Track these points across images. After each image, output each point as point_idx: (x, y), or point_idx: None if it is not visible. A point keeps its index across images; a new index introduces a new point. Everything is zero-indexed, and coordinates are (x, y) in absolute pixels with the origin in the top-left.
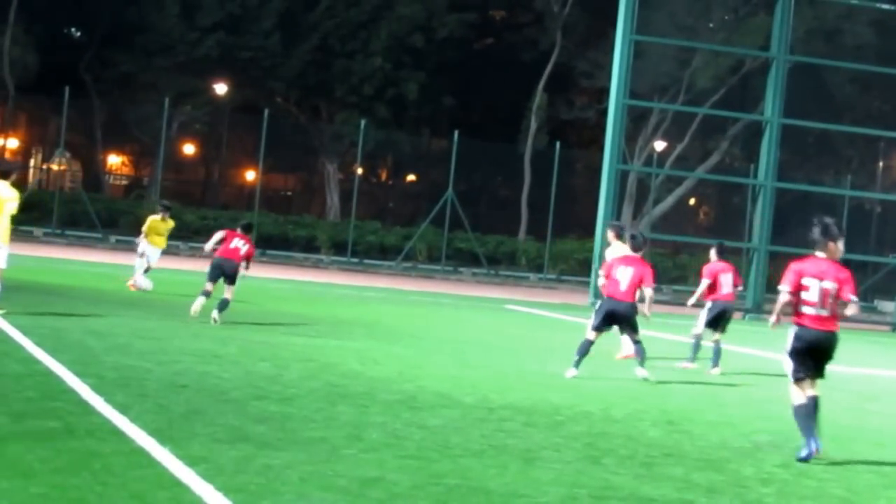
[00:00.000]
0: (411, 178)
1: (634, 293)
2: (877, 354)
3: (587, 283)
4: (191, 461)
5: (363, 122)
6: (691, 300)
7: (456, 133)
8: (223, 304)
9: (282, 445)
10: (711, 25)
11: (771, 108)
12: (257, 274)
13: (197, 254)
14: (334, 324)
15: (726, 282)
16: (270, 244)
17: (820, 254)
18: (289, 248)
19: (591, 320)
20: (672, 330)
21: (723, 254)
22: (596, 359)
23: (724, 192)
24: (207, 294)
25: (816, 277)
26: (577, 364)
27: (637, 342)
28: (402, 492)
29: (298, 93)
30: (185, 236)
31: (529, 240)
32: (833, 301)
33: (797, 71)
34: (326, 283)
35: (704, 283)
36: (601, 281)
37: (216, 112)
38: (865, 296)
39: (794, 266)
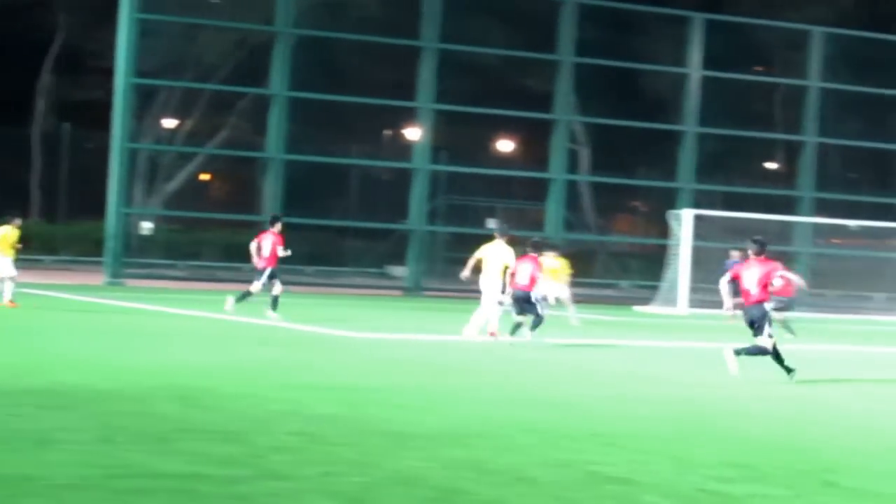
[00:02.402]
0: None
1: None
2: (387, 319)
3: (101, 264)
4: None
5: None
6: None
7: None
8: None
9: None
10: (218, 1)
11: (278, 82)
12: None
13: None
14: None
15: None
16: None
17: None
18: None
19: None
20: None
21: None
22: (109, 335)
23: (237, 167)
24: None
25: None
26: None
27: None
28: None
29: None
30: None
31: (41, 222)
32: None
33: (304, 44)
34: None
35: None
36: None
37: None
38: (378, 262)
39: None
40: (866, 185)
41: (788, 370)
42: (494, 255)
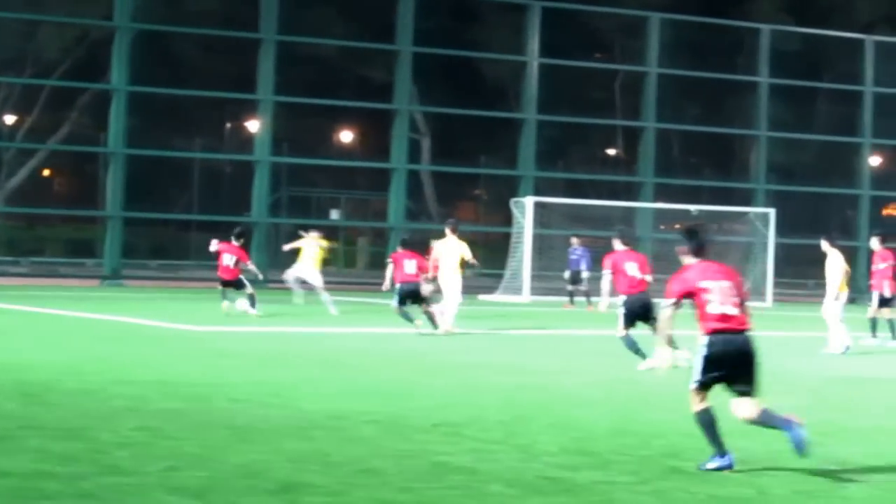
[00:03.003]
0: None
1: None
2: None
3: None
4: None
5: None
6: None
7: None
8: None
9: None
10: None
11: (118, 77)
12: None
13: None
14: None
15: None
16: None
17: None
18: None
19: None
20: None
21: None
22: None
23: (79, 162)
24: None
25: None
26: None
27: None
28: None
29: None
30: None
31: None
32: None
33: (143, 38)
34: None
35: None
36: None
37: None
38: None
39: None
40: (707, 169)
41: (643, 355)
42: (450, 251)
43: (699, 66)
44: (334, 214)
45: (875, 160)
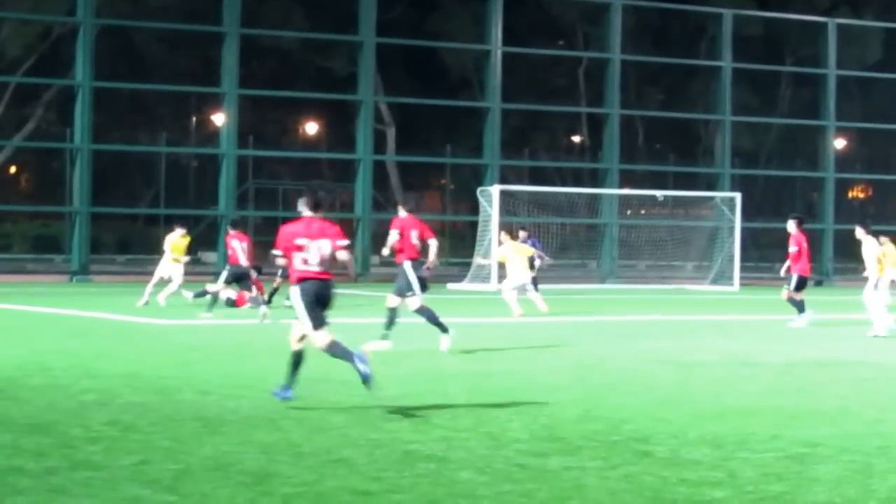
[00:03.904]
0: None
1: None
2: (200, 306)
3: None
4: None
5: None
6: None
7: None
8: None
9: None
10: None
11: (82, 72)
12: None
13: None
14: None
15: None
16: None
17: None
18: None
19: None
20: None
21: None
22: None
23: (44, 158)
24: None
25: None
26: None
27: None
28: None
29: None
30: None
31: None
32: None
33: (106, 33)
34: None
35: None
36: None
37: None
38: (189, 249)
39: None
40: (671, 155)
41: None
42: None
43: (662, 52)
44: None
45: (839, 142)
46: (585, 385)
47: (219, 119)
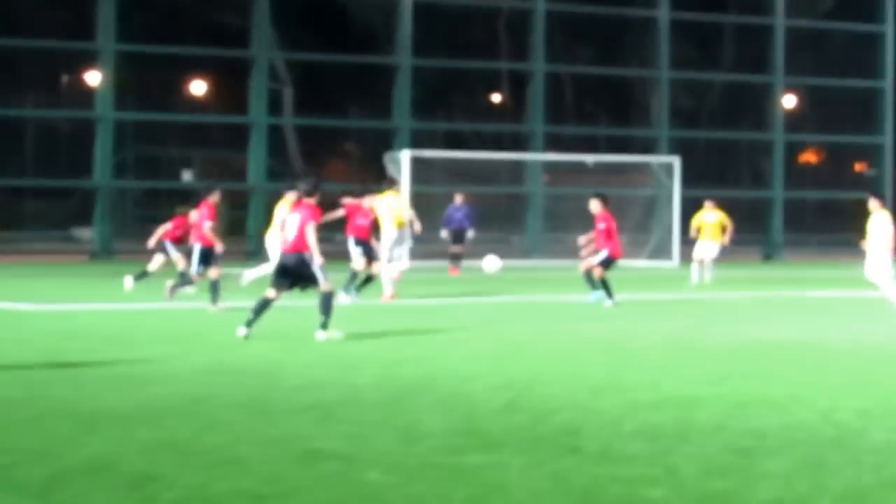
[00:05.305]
0: None
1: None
2: (73, 287)
3: None
4: None
5: None
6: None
7: None
8: None
9: None
10: None
11: None
12: None
13: None
14: None
15: None
16: None
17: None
18: None
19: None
20: None
21: None
22: None
23: None
24: None
25: None
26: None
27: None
28: None
29: None
30: None
31: None
32: None
33: None
34: None
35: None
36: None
37: None
38: (61, 224)
39: None
40: (603, 116)
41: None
42: (388, 208)
43: (592, 2)
44: (186, 176)
45: (789, 100)
46: (508, 373)
47: (94, 78)
